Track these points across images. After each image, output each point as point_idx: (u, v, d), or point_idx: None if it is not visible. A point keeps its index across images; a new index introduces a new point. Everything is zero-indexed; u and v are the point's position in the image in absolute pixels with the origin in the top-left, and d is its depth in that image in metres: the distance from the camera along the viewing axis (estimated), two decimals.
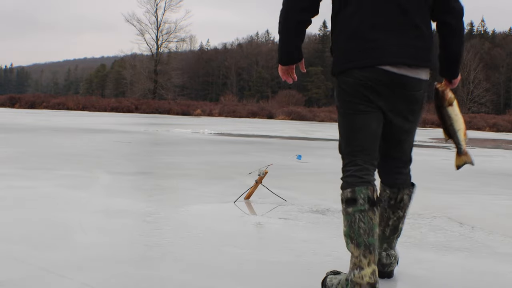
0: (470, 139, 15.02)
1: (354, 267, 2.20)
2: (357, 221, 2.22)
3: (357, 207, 2.22)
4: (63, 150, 8.58)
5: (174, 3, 58.58)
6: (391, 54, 2.26)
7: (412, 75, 2.30)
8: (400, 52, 2.27)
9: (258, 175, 4.56)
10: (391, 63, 2.26)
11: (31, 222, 3.44)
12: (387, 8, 2.27)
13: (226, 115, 40.59)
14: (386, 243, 2.59)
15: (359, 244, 2.20)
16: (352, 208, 2.23)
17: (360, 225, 2.21)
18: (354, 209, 2.23)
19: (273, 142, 13.19)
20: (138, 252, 2.85)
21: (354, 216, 2.22)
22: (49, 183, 4.99)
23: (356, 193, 2.24)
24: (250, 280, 2.47)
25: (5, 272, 2.43)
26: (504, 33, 76.03)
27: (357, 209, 2.22)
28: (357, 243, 2.20)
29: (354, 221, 2.22)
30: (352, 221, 2.22)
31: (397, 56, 2.27)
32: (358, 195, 2.23)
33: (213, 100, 65.29)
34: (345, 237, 2.26)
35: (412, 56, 2.29)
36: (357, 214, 2.22)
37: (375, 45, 2.26)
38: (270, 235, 3.39)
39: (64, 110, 39.44)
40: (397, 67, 2.26)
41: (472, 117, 39.85)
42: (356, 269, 2.19)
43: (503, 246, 3.36)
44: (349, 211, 2.24)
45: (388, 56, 2.26)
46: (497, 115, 48.11)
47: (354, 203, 2.23)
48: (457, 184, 6.33)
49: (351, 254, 2.22)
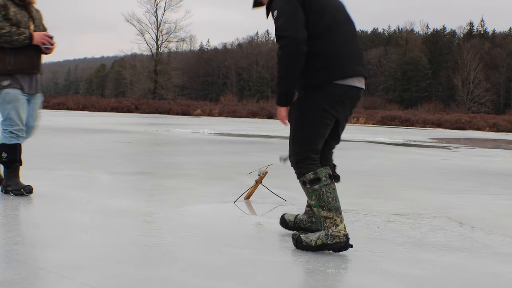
0: (470, 139, 15.00)
1: (330, 225, 2.90)
2: (325, 193, 2.91)
3: (322, 183, 2.92)
4: (63, 150, 8.58)
5: (174, 3, 58.63)
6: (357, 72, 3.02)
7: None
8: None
9: (258, 175, 4.57)
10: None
11: (31, 222, 3.44)
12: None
13: (226, 115, 40.58)
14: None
15: (330, 209, 2.90)
16: (318, 185, 2.92)
17: (327, 195, 2.91)
18: (319, 185, 2.91)
19: (273, 142, 13.19)
20: (138, 252, 2.85)
21: (321, 190, 2.91)
22: (49, 183, 4.99)
23: (318, 173, 2.93)
24: (250, 280, 2.47)
25: (5, 272, 2.43)
26: (504, 33, 76.05)
27: (322, 185, 2.92)
28: (328, 209, 2.90)
29: (322, 193, 2.91)
30: (320, 194, 2.91)
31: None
32: (320, 175, 2.92)
33: (213, 100, 65.32)
34: (315, 208, 2.94)
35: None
36: (323, 188, 2.91)
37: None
38: (270, 235, 3.39)
39: (64, 110, 39.44)
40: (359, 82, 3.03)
41: (472, 117, 39.86)
42: (333, 226, 2.90)
43: (503, 246, 3.37)
44: (316, 187, 2.92)
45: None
46: (497, 115, 48.12)
47: (319, 181, 2.92)
48: (457, 184, 6.33)
49: (324, 217, 2.91)
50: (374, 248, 3.13)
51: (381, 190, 5.39)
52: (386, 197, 5.03)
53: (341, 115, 3.02)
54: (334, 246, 2.90)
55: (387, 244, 3.24)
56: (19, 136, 4.33)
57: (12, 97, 4.23)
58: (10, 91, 4.22)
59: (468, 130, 33.62)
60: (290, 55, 2.85)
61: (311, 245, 2.96)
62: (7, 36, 4.15)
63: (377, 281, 2.55)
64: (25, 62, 4.28)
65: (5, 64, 4.22)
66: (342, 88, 2.93)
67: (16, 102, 4.25)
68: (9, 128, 4.28)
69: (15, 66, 4.24)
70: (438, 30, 79.11)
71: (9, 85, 4.22)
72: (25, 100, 4.33)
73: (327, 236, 2.91)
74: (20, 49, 4.23)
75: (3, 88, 4.22)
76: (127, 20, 59.21)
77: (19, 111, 4.27)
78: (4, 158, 4.33)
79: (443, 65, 70.83)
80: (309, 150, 2.99)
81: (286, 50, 2.85)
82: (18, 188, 4.28)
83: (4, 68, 4.22)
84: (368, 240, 3.30)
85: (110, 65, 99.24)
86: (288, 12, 2.86)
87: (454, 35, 79.25)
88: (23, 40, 4.20)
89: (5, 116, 4.29)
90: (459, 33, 79.31)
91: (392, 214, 4.20)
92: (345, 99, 2.97)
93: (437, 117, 39.64)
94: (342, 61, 2.94)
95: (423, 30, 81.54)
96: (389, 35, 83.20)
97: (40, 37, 4.27)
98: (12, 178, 4.34)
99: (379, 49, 75.72)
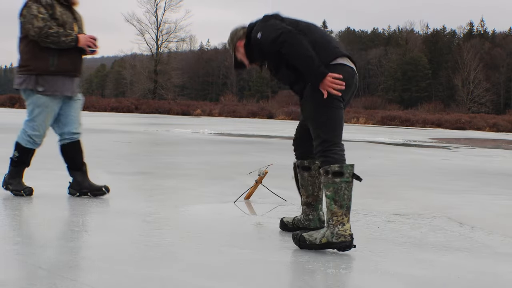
0: (470, 139, 15.00)
1: (337, 223, 2.93)
2: (343, 189, 2.94)
3: (344, 178, 2.94)
4: None
5: (174, 3, 58.52)
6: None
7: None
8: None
9: (258, 175, 4.56)
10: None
11: (31, 222, 3.44)
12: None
13: (226, 115, 40.58)
14: (321, 203, 3.38)
15: (342, 206, 2.93)
16: (339, 179, 2.93)
17: (345, 192, 2.94)
18: (341, 179, 2.93)
19: (273, 142, 13.19)
20: (138, 252, 2.85)
21: (341, 185, 2.93)
22: (49, 183, 4.99)
23: (343, 168, 2.95)
24: (250, 280, 2.47)
25: (5, 272, 2.43)
26: (504, 33, 76.06)
27: (344, 180, 2.94)
28: (341, 205, 2.93)
29: (340, 188, 2.93)
30: (338, 188, 2.93)
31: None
32: (345, 170, 2.94)
33: (213, 100, 65.31)
34: (328, 199, 2.95)
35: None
36: (343, 184, 2.94)
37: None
38: (270, 235, 3.39)
39: None
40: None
41: (472, 117, 39.87)
42: (339, 225, 2.92)
43: (503, 246, 3.37)
44: (337, 181, 2.93)
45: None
46: (497, 115, 48.12)
47: (341, 175, 2.93)
48: (457, 184, 6.33)
49: (332, 213, 2.93)
50: (374, 248, 3.13)
51: (381, 190, 5.39)
52: (386, 197, 5.03)
53: (346, 98, 3.09)
54: (339, 245, 2.92)
55: (387, 244, 3.24)
56: (35, 142, 4.26)
57: (43, 103, 4.14)
58: (42, 97, 4.13)
59: (468, 130, 33.62)
60: (293, 38, 2.98)
61: (316, 243, 2.96)
62: (55, 37, 4.03)
63: (377, 281, 2.55)
64: (69, 64, 4.18)
65: (48, 65, 4.11)
66: (340, 67, 3.05)
67: (46, 108, 4.16)
68: (29, 131, 4.21)
69: (58, 67, 4.13)
70: (438, 30, 79.11)
71: (43, 91, 4.12)
72: (57, 108, 4.22)
73: (333, 235, 2.92)
74: (64, 50, 4.12)
75: (38, 92, 4.12)
76: (127, 20, 58.95)
77: (45, 118, 4.18)
78: (15, 158, 4.29)
79: (443, 65, 70.81)
80: (335, 135, 3.02)
81: (288, 39, 2.98)
82: (18, 189, 4.26)
83: (47, 68, 4.11)
84: (368, 240, 3.30)
85: (110, 65, 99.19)
86: (271, 22, 3.11)
87: (454, 35, 79.27)
88: (70, 42, 4.09)
89: (30, 117, 4.21)
90: (459, 33, 79.35)
91: (392, 214, 4.20)
92: (348, 80, 3.05)
93: (437, 117, 39.65)
94: (329, 45, 3.12)
95: (423, 30, 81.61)
96: (389, 35, 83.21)
97: (85, 40, 4.16)
98: (15, 177, 4.29)
99: (379, 49, 75.71)
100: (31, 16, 4.05)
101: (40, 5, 4.09)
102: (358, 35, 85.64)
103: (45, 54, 4.10)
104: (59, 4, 4.17)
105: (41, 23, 4.02)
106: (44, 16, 4.06)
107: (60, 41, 4.06)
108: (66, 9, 4.22)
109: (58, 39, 4.04)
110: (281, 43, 2.99)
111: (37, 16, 4.04)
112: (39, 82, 4.12)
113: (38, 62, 4.11)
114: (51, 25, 4.04)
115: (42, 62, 4.10)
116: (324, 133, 3.02)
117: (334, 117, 3.04)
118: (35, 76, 4.12)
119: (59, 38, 4.04)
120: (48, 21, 4.04)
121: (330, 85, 2.97)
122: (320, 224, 3.39)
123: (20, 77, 4.19)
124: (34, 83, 4.12)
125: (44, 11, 4.08)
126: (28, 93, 4.18)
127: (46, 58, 4.10)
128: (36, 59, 4.11)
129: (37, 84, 4.12)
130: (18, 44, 4.25)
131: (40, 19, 4.03)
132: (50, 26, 4.03)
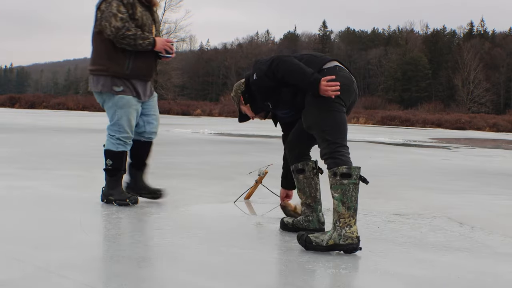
0: (470, 139, 15.00)
1: (344, 225, 2.94)
2: (351, 191, 2.96)
3: (352, 180, 2.97)
4: (63, 150, 8.58)
5: (174, 3, 58.53)
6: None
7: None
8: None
9: (258, 175, 4.56)
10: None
11: (31, 222, 3.44)
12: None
13: (226, 115, 40.58)
14: (320, 205, 3.44)
15: (350, 207, 2.95)
16: (347, 180, 2.96)
17: (352, 194, 2.96)
18: (349, 181, 2.96)
19: (273, 142, 13.19)
20: (138, 252, 2.85)
21: (349, 187, 2.96)
22: (49, 183, 4.99)
23: (351, 169, 2.97)
24: (250, 280, 2.47)
25: (5, 272, 2.43)
26: (504, 33, 76.03)
27: (351, 182, 2.97)
28: (348, 207, 2.95)
29: (348, 190, 2.96)
30: (346, 189, 2.96)
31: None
32: (353, 172, 2.97)
33: (213, 100, 65.29)
34: (335, 200, 2.97)
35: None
36: (351, 185, 2.96)
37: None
38: (270, 235, 3.39)
39: (64, 110, 39.46)
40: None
41: (472, 117, 39.86)
42: (346, 227, 2.94)
43: (503, 246, 3.37)
44: (345, 182, 2.96)
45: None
46: (497, 115, 48.10)
47: (349, 177, 2.96)
48: (457, 184, 6.33)
49: (339, 214, 2.94)
50: (374, 248, 3.13)
51: (381, 190, 5.39)
52: (386, 197, 5.03)
53: (347, 101, 3.17)
54: (346, 247, 2.94)
55: (387, 244, 3.24)
56: (126, 143, 4.05)
57: (125, 103, 3.96)
58: (124, 97, 3.95)
59: (468, 130, 33.62)
60: (283, 58, 3.19)
61: (322, 245, 2.97)
62: (131, 39, 3.83)
63: (377, 281, 2.55)
64: (144, 68, 4.00)
65: (123, 68, 3.92)
66: (332, 69, 3.17)
67: (129, 108, 3.97)
68: (116, 134, 4.01)
69: (133, 71, 3.95)
70: (438, 30, 79.09)
71: (122, 91, 3.94)
72: (139, 106, 4.06)
73: (340, 237, 2.94)
74: (140, 53, 3.94)
75: (116, 93, 3.95)
76: None
77: (130, 118, 3.99)
78: (109, 166, 4.05)
79: (443, 65, 70.80)
80: (342, 137, 3.09)
81: (279, 61, 3.17)
82: (123, 198, 4.04)
83: (122, 71, 3.92)
84: (368, 240, 3.30)
85: None
86: (259, 61, 3.32)
87: (454, 35, 79.24)
88: (146, 45, 3.90)
89: (114, 121, 4.00)
90: (459, 33, 79.33)
91: (392, 214, 4.20)
92: (348, 86, 3.16)
93: (437, 117, 39.65)
94: (315, 58, 3.28)
95: (423, 30, 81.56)
96: (389, 35, 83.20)
97: (162, 44, 3.98)
98: (115, 187, 4.08)
99: (379, 49, 75.69)
100: (110, 13, 3.85)
101: (121, 3, 3.89)
102: (358, 35, 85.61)
103: (121, 56, 3.92)
104: (140, 3, 3.98)
105: (120, 23, 3.83)
106: (123, 16, 3.86)
107: (136, 44, 3.87)
108: (146, 9, 4.03)
109: (134, 41, 3.86)
110: (274, 67, 3.17)
111: (116, 15, 3.84)
112: (116, 82, 3.94)
113: (113, 64, 3.92)
114: (130, 26, 3.85)
115: (117, 64, 3.92)
116: (330, 136, 3.07)
117: (338, 119, 3.10)
118: (111, 77, 3.93)
119: (136, 41, 3.86)
120: (127, 21, 3.85)
121: (326, 89, 3.04)
122: (319, 226, 3.42)
123: (95, 79, 4.00)
124: (111, 84, 3.94)
125: (124, 10, 3.88)
126: (106, 96, 3.99)
127: (122, 60, 3.92)
128: (111, 60, 3.92)
129: (115, 85, 3.94)
130: (92, 38, 4.03)
131: (119, 19, 3.84)
132: (128, 28, 3.84)
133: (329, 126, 3.08)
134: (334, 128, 3.08)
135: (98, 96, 4.05)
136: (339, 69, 3.19)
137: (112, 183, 4.08)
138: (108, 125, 4.07)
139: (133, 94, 4.00)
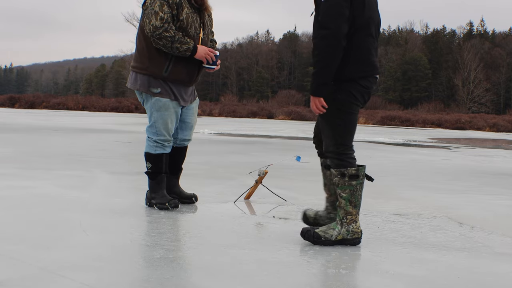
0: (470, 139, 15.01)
1: (351, 221, 3.14)
2: (358, 191, 3.13)
3: (359, 180, 3.12)
4: (63, 150, 8.58)
5: None
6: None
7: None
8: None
9: (258, 175, 4.56)
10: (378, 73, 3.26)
11: (31, 222, 3.44)
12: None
13: (226, 115, 40.57)
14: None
15: (356, 206, 3.14)
16: (355, 181, 3.11)
17: (359, 193, 3.14)
18: (357, 182, 3.12)
19: (273, 142, 13.19)
20: (138, 252, 2.85)
21: (356, 187, 3.12)
22: (49, 183, 4.99)
23: (359, 171, 3.13)
24: (250, 280, 2.47)
25: (5, 272, 2.43)
26: (504, 33, 76.00)
27: (359, 182, 3.13)
28: (355, 205, 3.13)
29: (355, 190, 3.12)
30: (354, 190, 3.11)
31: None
32: (360, 173, 3.13)
33: (213, 100, 65.28)
34: (343, 200, 3.12)
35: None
36: (358, 185, 3.12)
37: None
38: (270, 235, 3.39)
39: (64, 110, 39.45)
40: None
41: (472, 117, 39.86)
42: (353, 223, 3.14)
43: (503, 246, 3.37)
44: (353, 183, 3.11)
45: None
46: (497, 115, 48.13)
47: (357, 178, 3.11)
48: (457, 184, 6.33)
49: (346, 212, 3.11)
50: (374, 248, 3.13)
51: (381, 190, 5.39)
52: (386, 197, 5.03)
53: (364, 105, 3.26)
54: (353, 241, 3.14)
55: (387, 244, 3.24)
56: (164, 145, 3.94)
57: (162, 106, 3.83)
58: (161, 99, 3.82)
59: (468, 130, 33.62)
60: (332, 46, 2.97)
61: (331, 240, 3.13)
62: (169, 41, 3.67)
63: (377, 281, 2.55)
64: (184, 74, 3.84)
65: (162, 70, 3.78)
66: (373, 80, 3.19)
67: (165, 111, 3.84)
68: (154, 136, 3.92)
69: (171, 74, 3.80)
70: (438, 30, 79.07)
71: (159, 93, 3.82)
72: (178, 109, 3.93)
73: (348, 232, 3.13)
74: (183, 58, 3.79)
75: (154, 95, 3.84)
76: (127, 20, 58.89)
77: (166, 121, 3.87)
78: (149, 169, 3.98)
79: (443, 65, 70.79)
80: (350, 139, 3.17)
81: (328, 42, 2.97)
82: (163, 202, 3.95)
83: (160, 73, 3.79)
84: (368, 240, 3.31)
85: (110, 65, 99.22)
86: (336, 4, 2.97)
87: (454, 35, 79.21)
88: (183, 51, 3.73)
89: (151, 123, 3.91)
90: (459, 33, 79.29)
91: (392, 214, 4.20)
92: (371, 90, 3.21)
93: (437, 117, 39.64)
94: (371, 57, 3.15)
95: (423, 30, 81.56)
96: (389, 35, 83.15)
97: (204, 52, 3.80)
98: (157, 191, 3.98)
99: (379, 49, 75.24)
100: (152, 11, 3.73)
101: (165, 2, 3.74)
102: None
103: (161, 56, 3.78)
104: (189, 4, 3.83)
105: (158, 23, 3.69)
106: (165, 16, 3.71)
107: (172, 47, 3.71)
108: (195, 11, 3.87)
109: (171, 44, 3.69)
110: (322, 38, 2.97)
111: (158, 13, 3.71)
112: (153, 83, 3.83)
113: (152, 64, 3.81)
114: (169, 27, 3.70)
115: (156, 65, 3.80)
116: (340, 136, 3.14)
117: (351, 121, 3.17)
118: (148, 77, 3.83)
119: (173, 44, 3.69)
120: (167, 22, 3.70)
121: (316, 107, 3.07)
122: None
123: (134, 76, 3.91)
124: (148, 84, 3.84)
125: (168, 10, 3.73)
126: (145, 96, 3.90)
127: (162, 61, 3.79)
128: (151, 59, 3.80)
129: (152, 86, 3.84)
130: (137, 33, 3.92)
131: (159, 18, 3.70)
132: (167, 29, 3.69)
133: (341, 126, 3.14)
134: (345, 129, 3.15)
135: (138, 94, 3.97)
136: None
137: (153, 186, 4.00)
138: (146, 126, 4.00)
139: (171, 97, 3.87)
